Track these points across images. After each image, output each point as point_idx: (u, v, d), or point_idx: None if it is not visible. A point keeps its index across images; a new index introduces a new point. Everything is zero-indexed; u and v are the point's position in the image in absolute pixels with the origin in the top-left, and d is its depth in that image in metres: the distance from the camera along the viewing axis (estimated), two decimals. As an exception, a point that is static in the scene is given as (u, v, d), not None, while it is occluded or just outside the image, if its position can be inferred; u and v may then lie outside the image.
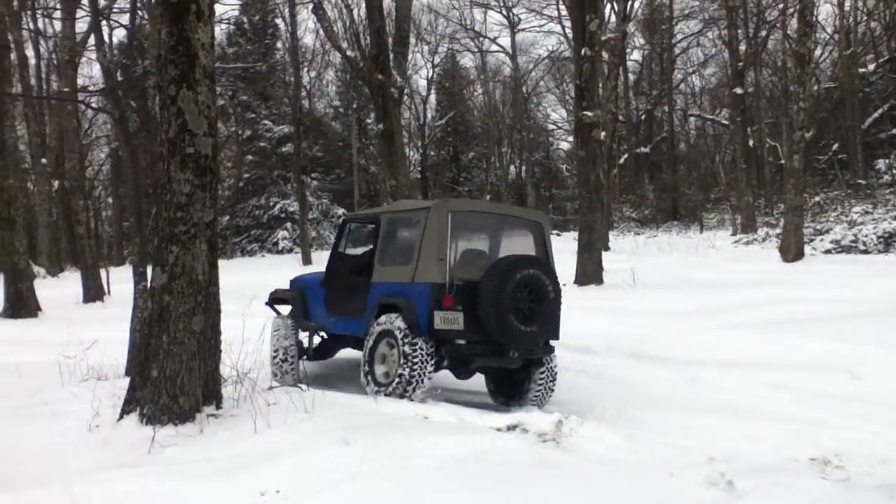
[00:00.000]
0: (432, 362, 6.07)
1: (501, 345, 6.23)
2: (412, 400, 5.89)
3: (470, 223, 6.96)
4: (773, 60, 34.43)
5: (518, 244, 6.94)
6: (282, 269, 23.38)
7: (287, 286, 8.48)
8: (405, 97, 30.15)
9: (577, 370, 7.29)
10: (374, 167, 40.21)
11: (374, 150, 37.92)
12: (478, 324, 6.10)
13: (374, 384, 6.22)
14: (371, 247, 7.13)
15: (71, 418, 5.18)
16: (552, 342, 6.51)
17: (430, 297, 6.04)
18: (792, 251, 15.04)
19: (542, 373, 6.51)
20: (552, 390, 6.59)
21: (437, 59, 45.90)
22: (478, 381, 6.96)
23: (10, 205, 14.83)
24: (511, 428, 5.14)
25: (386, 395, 5.99)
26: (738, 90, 25.28)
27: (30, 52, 29.99)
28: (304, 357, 7.75)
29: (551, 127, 49.03)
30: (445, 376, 6.91)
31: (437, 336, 6.08)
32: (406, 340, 5.99)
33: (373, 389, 6.17)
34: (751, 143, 28.19)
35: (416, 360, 5.95)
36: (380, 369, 6.28)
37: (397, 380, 5.99)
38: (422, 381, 5.99)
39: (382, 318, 6.29)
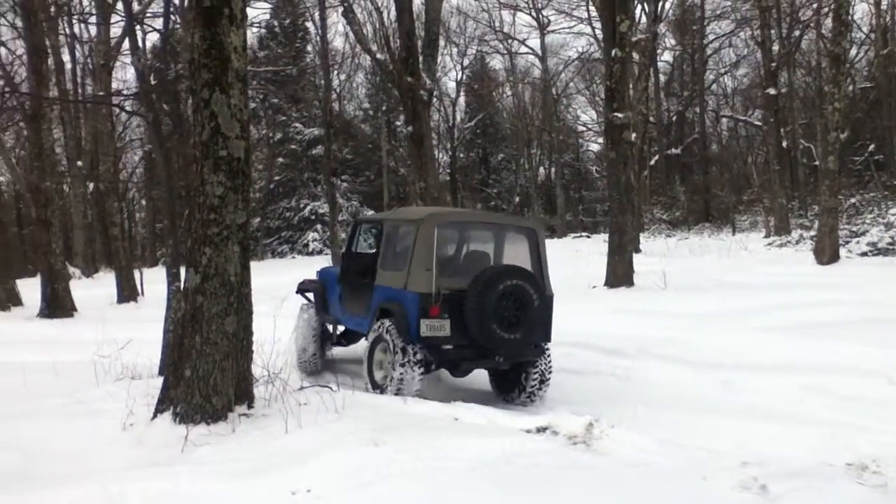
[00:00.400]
0: (421, 366, 6.37)
1: (488, 349, 6.52)
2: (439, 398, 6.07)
3: (461, 234, 7.43)
4: (807, 60, 33.95)
5: (511, 252, 7.23)
6: (312, 271, 23.56)
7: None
8: (434, 99, 30.18)
9: (607, 373, 7.24)
10: (404, 169, 40.33)
11: (404, 152, 38.03)
12: (465, 330, 6.40)
13: (371, 385, 6.61)
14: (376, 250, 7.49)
15: (106, 417, 5.26)
16: (545, 344, 6.83)
17: (419, 306, 6.35)
18: (827, 253, 14.81)
19: (535, 372, 6.79)
20: (545, 387, 6.86)
21: (466, 62, 45.98)
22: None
23: (47, 207, 15.10)
24: (541, 430, 5.12)
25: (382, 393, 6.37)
26: (772, 91, 24.97)
27: (66, 57, 30.55)
28: (331, 343, 8.30)
29: (581, 128, 48.81)
30: (475, 377, 6.92)
31: (425, 342, 6.39)
32: (397, 346, 6.35)
33: (371, 390, 6.47)
34: (784, 144, 27.83)
35: (406, 365, 6.30)
36: (377, 371, 6.68)
37: (391, 382, 6.35)
38: (412, 383, 6.33)
39: (379, 323, 6.66)
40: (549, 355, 6.83)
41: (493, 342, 6.39)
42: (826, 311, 8.78)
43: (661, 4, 31.28)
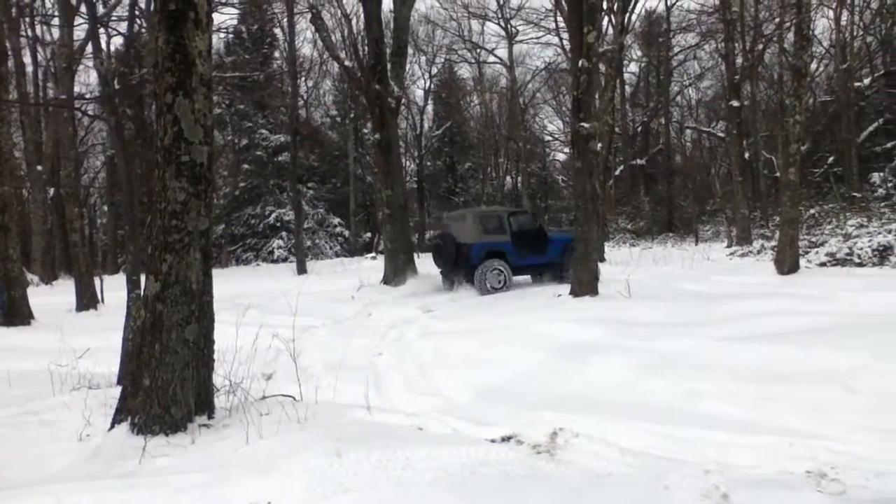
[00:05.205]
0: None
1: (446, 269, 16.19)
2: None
3: (444, 223, 16.44)
4: (770, 73, 34.63)
5: (461, 226, 16.04)
6: (276, 279, 23.37)
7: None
8: (402, 107, 30.17)
9: (569, 380, 7.25)
10: (371, 177, 40.26)
11: (371, 159, 37.97)
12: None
13: None
14: None
15: (61, 427, 5.15)
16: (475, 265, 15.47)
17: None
18: (787, 263, 15.03)
19: (476, 276, 15.44)
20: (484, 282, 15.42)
21: (434, 70, 46.12)
22: (467, 396, 6.94)
23: (5, 212, 14.76)
24: (505, 439, 5.11)
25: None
26: (735, 103, 25.38)
27: (27, 59, 30.05)
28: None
29: (548, 138, 49.28)
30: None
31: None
32: None
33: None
34: (746, 155, 28.27)
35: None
36: None
37: None
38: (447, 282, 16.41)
39: None
40: (482, 272, 15.37)
41: (436, 265, 16.46)
42: (786, 320, 8.89)
43: (627, 16, 31.67)
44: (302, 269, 27.23)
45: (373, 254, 33.31)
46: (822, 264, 16.49)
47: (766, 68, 33.90)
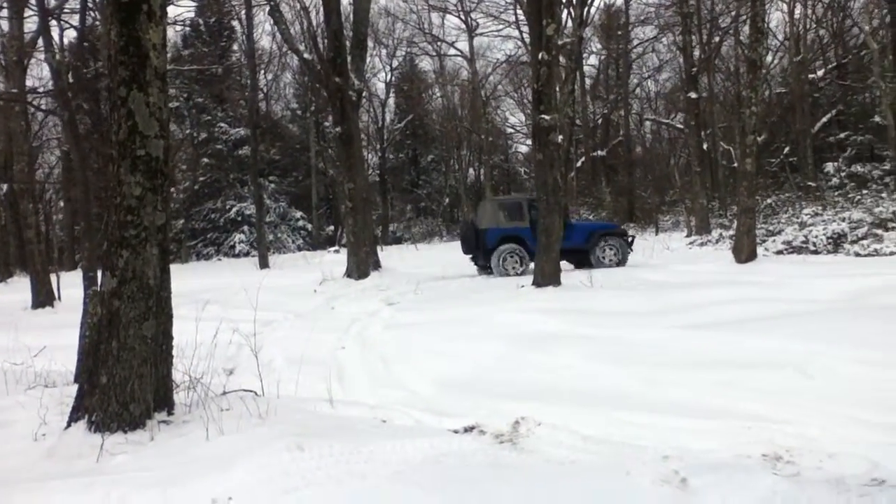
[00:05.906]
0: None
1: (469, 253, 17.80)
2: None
3: (476, 210, 18.62)
4: (726, 66, 35.14)
5: (482, 213, 17.52)
6: (238, 273, 23.13)
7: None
8: (363, 100, 30.01)
9: (533, 370, 7.30)
10: (333, 170, 40.03)
11: (333, 152, 37.75)
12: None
13: None
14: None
15: (16, 427, 5.04)
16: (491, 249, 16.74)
17: None
18: (745, 252, 15.30)
19: (493, 260, 16.56)
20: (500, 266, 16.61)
21: (395, 63, 46.01)
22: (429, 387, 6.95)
23: (-45, 209, 14.43)
24: (468, 429, 5.13)
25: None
26: (693, 95, 25.71)
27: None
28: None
29: (509, 130, 49.45)
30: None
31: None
32: None
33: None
34: (705, 146, 28.68)
35: None
36: None
37: None
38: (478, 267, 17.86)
39: None
40: (498, 256, 16.53)
41: (464, 252, 17.63)
42: (743, 307, 9.06)
43: (586, 9, 31.86)
44: (264, 264, 26.99)
45: (336, 247, 33.15)
46: (779, 252, 16.83)
47: (722, 61, 34.42)
